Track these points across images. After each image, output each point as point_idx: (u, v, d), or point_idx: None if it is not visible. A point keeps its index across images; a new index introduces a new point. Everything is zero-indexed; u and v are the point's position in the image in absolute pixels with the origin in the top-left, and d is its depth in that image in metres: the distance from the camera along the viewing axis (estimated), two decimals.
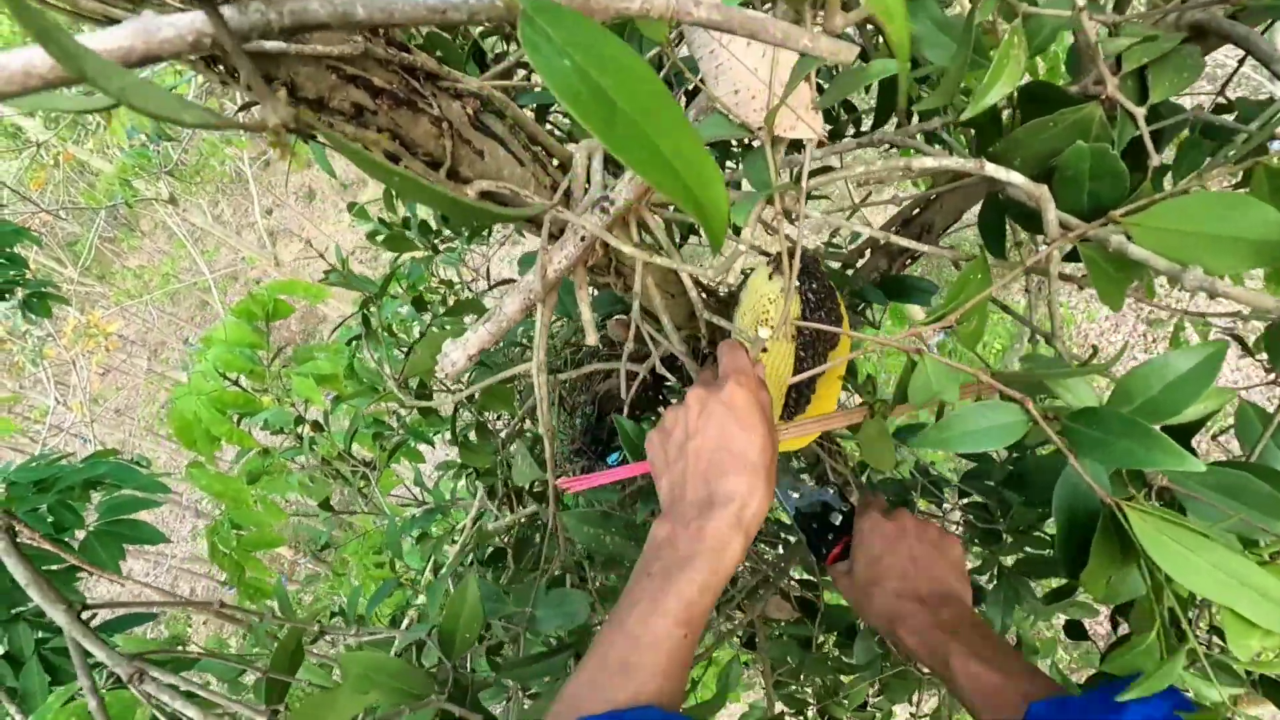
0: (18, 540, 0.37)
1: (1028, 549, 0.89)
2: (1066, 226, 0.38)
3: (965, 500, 1.05)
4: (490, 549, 0.95)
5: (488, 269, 1.48)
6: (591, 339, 0.55)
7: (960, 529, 1.13)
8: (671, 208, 0.58)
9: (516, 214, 0.28)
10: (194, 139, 4.22)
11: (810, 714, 1.09)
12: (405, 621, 0.95)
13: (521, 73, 0.91)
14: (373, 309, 1.02)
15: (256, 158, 5.31)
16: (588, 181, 0.57)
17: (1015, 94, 0.44)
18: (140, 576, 4.37)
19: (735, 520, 0.44)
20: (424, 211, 1.07)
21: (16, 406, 4.37)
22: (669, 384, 1.03)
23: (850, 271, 0.80)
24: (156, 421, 5.15)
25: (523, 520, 0.80)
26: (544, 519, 0.75)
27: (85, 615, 0.49)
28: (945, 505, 1.11)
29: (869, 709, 1.07)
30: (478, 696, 0.50)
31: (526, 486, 0.67)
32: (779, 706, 1.13)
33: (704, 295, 0.78)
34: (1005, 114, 0.49)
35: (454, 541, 1.11)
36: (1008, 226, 0.56)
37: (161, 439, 4.89)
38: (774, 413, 0.54)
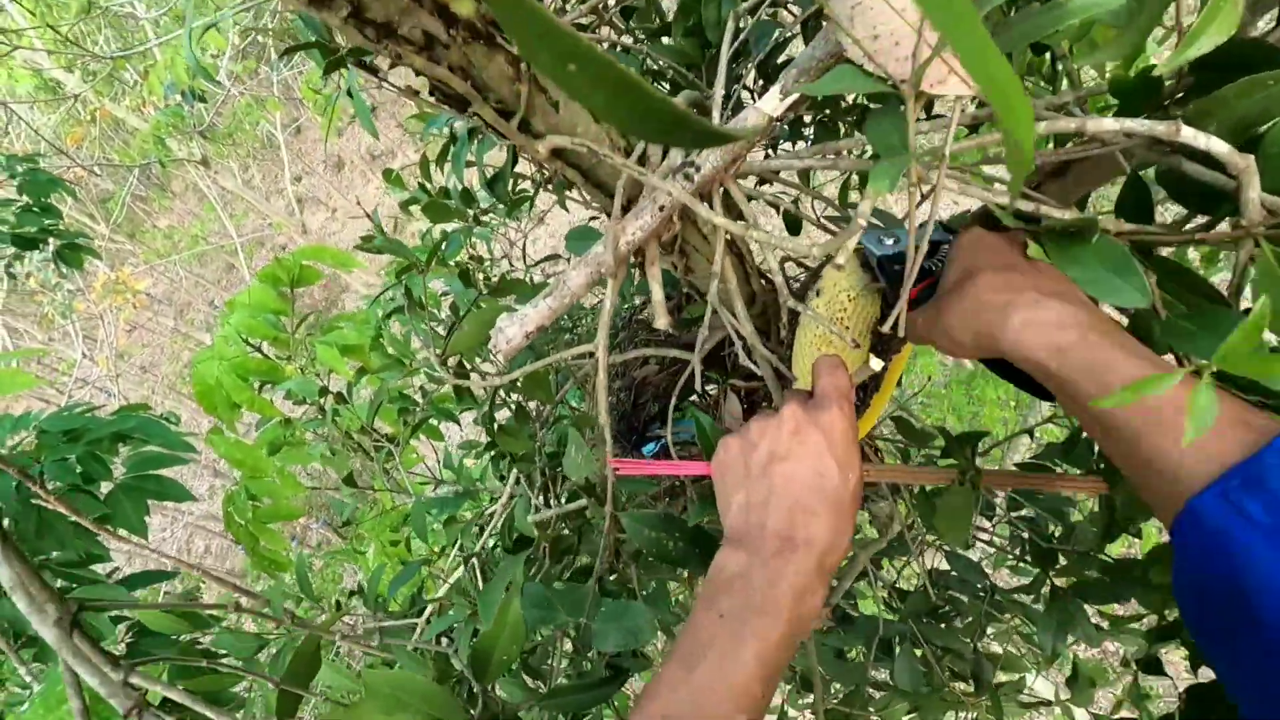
0: (7, 532, 0.32)
1: (1088, 572, 0.82)
2: (1272, 210, 0.32)
3: (1018, 514, 0.99)
4: (518, 538, 0.90)
5: (524, 245, 1.42)
6: (662, 322, 0.50)
7: (1009, 543, 1.07)
8: (752, 180, 0.52)
9: (737, 131, 0.23)
10: (228, 101, 4.20)
11: None
12: (426, 612, 0.91)
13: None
14: (404, 280, 0.97)
15: (289, 124, 5.29)
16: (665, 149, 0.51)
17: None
18: (156, 531, 4.43)
19: (818, 566, 0.40)
20: (466, 178, 1.01)
21: (45, 358, 4.42)
22: (707, 375, 0.97)
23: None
24: (179, 380, 5.20)
25: (560, 515, 0.75)
26: (590, 514, 0.70)
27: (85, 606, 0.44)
28: (994, 517, 1.05)
29: None
30: None
31: (572, 478, 0.61)
32: (792, 711, 1.08)
33: (766, 282, 0.72)
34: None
35: (479, 527, 1.06)
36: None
37: (184, 397, 4.93)
38: None
